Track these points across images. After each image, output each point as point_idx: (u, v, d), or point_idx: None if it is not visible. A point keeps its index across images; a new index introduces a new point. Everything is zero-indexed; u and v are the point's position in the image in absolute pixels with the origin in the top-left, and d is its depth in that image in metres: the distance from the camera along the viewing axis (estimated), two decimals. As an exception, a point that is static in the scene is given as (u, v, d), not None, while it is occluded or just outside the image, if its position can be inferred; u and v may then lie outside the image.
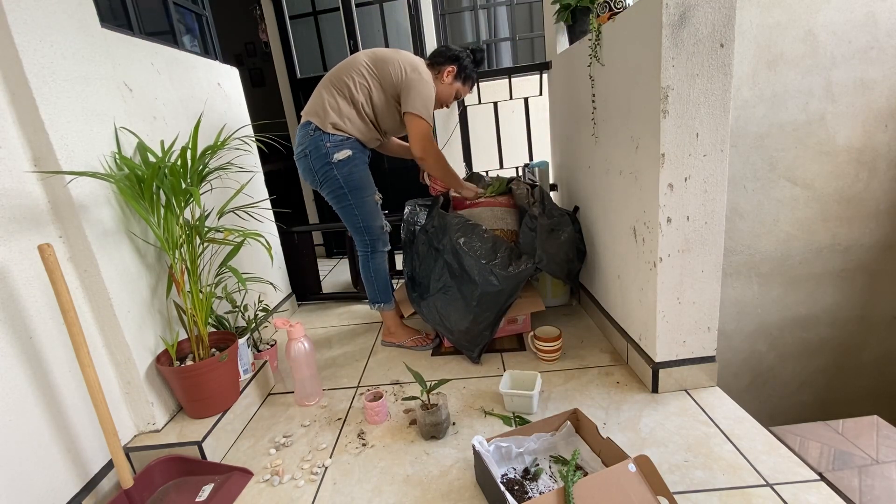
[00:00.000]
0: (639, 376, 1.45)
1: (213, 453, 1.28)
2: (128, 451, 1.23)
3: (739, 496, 0.98)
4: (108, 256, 1.17)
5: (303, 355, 1.48)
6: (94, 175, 1.08)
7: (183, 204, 1.25)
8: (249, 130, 2.01)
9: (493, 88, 2.61)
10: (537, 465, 1.11)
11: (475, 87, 2.22)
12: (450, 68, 1.70)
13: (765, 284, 1.96)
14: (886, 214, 1.89)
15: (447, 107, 1.82)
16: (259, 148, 1.90)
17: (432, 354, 1.77)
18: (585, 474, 1.04)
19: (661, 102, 1.13)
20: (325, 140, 1.60)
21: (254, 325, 1.62)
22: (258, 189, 2.07)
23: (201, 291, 1.34)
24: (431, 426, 1.26)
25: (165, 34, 1.74)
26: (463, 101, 2.56)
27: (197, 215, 1.34)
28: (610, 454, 1.05)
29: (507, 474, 1.08)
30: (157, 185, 1.21)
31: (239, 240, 1.39)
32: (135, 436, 1.27)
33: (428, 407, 1.27)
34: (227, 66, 1.99)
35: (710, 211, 1.21)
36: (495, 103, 2.49)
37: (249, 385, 1.50)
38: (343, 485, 1.16)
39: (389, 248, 1.85)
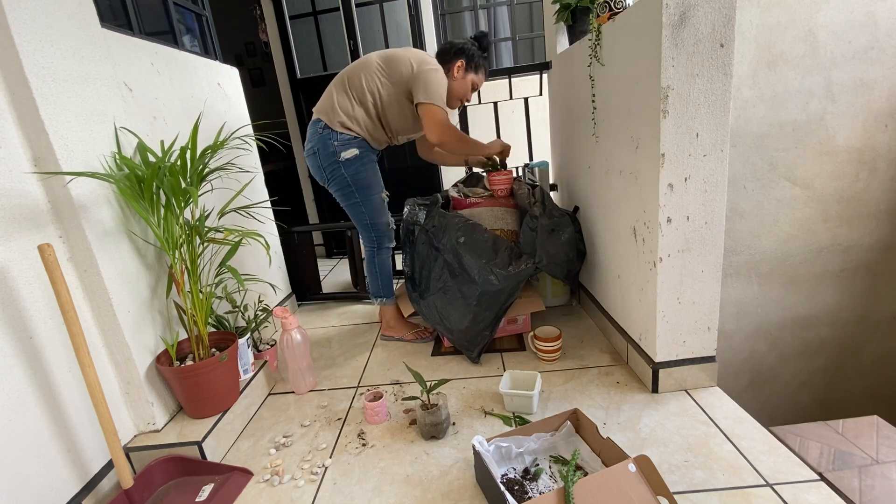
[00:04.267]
0: (639, 376, 1.45)
1: (213, 453, 1.28)
2: (128, 451, 1.23)
3: (739, 496, 0.98)
4: (108, 256, 1.17)
5: (295, 345, 1.54)
6: (93, 175, 1.08)
7: (183, 204, 1.25)
8: (249, 130, 2.00)
9: (493, 88, 2.60)
10: (537, 465, 1.11)
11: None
12: (459, 62, 1.71)
13: (765, 284, 1.96)
14: (886, 214, 1.89)
15: (467, 101, 1.81)
16: (259, 148, 1.90)
17: (432, 354, 1.77)
18: (585, 474, 1.04)
19: (661, 102, 1.13)
20: (333, 138, 1.62)
21: (254, 325, 1.62)
22: (258, 189, 2.07)
23: (201, 291, 1.34)
24: (431, 426, 1.26)
25: (165, 34, 1.74)
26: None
27: (196, 215, 1.34)
28: (610, 454, 1.05)
29: (507, 474, 1.08)
30: (157, 185, 1.21)
31: (238, 239, 1.39)
32: (135, 436, 1.27)
33: (428, 407, 1.27)
34: (227, 66, 1.99)
35: (710, 211, 1.21)
36: (495, 103, 2.49)
37: (249, 385, 1.50)
38: (343, 485, 1.16)
39: (395, 244, 1.87)
